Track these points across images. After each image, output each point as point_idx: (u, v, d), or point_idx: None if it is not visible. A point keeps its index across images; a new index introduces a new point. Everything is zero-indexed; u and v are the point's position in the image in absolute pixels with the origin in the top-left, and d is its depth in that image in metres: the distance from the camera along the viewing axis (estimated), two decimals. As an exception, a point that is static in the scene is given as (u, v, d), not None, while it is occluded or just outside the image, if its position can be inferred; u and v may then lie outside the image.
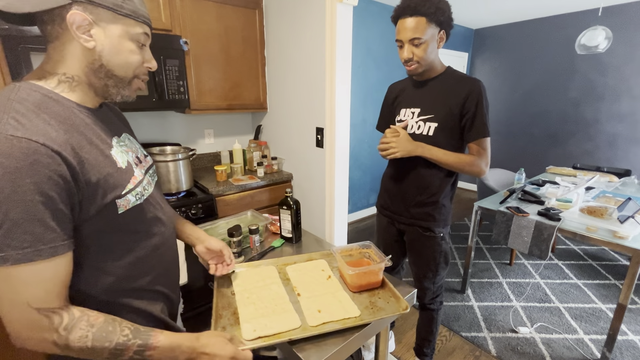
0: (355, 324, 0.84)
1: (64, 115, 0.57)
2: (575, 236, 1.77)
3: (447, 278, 2.53)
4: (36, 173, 0.50)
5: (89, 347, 0.55)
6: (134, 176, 0.66)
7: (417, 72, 1.22)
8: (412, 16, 1.11)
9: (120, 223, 0.63)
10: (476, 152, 1.22)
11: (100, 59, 0.60)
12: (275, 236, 1.40)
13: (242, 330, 0.81)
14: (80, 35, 0.57)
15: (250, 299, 0.93)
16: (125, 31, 0.61)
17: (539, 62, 4.00)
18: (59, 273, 0.55)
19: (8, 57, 1.34)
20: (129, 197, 0.64)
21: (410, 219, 1.37)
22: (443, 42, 1.19)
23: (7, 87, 0.57)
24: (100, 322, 0.57)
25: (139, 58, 0.65)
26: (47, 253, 0.52)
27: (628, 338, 1.93)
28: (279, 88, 2.21)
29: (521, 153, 4.37)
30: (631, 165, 3.51)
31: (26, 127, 0.51)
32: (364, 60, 3.42)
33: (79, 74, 0.61)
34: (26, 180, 0.49)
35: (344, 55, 1.75)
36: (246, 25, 2.10)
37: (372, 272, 0.97)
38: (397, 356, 1.81)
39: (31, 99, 0.55)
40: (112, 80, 0.63)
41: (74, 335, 0.54)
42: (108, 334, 0.56)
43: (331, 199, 1.96)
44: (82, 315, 0.56)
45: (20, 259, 0.50)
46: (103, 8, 0.57)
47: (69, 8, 0.55)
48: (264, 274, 1.05)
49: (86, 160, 0.57)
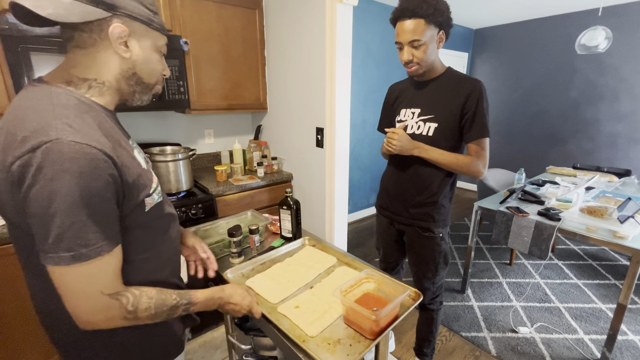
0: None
1: (98, 120, 0.60)
2: (575, 236, 1.77)
3: (447, 278, 2.53)
4: (98, 177, 0.54)
5: (152, 314, 0.66)
6: (153, 175, 0.72)
7: (417, 73, 1.22)
8: (410, 18, 1.10)
9: (145, 220, 0.69)
10: (475, 152, 1.22)
11: (133, 67, 0.66)
12: (275, 236, 1.40)
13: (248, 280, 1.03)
14: (118, 45, 0.62)
15: (283, 269, 1.10)
16: (154, 43, 0.67)
17: (539, 62, 4.00)
18: (118, 261, 0.62)
19: (8, 57, 1.34)
20: (154, 196, 0.70)
21: (409, 219, 1.37)
22: (443, 42, 1.19)
23: (39, 90, 0.59)
24: (155, 293, 0.67)
25: (162, 67, 0.72)
26: (109, 247, 0.59)
27: (628, 338, 1.94)
28: (279, 88, 2.21)
29: (521, 153, 4.37)
30: (631, 165, 3.51)
31: (81, 133, 0.54)
32: (364, 60, 3.42)
33: (110, 80, 0.64)
34: (91, 184, 0.54)
35: (344, 55, 1.75)
36: (246, 25, 2.10)
37: (394, 309, 0.82)
38: (397, 356, 1.81)
39: (71, 104, 0.58)
40: (140, 86, 0.69)
41: (140, 308, 0.63)
42: (163, 300, 0.67)
43: (331, 199, 1.96)
44: (141, 292, 0.65)
45: (91, 256, 0.56)
46: (139, 22, 0.63)
47: (109, 20, 0.60)
48: (320, 257, 1.18)
49: (123, 163, 0.61)
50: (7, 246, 1.31)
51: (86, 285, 0.57)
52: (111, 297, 0.60)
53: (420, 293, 0.93)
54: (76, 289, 0.57)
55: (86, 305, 0.58)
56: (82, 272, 0.56)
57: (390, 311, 0.80)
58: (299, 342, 0.78)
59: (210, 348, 1.84)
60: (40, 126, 0.53)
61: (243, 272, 1.11)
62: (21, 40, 1.34)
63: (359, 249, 3.11)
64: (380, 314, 0.75)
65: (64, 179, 0.51)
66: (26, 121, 0.54)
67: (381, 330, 0.79)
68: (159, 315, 0.67)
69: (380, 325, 0.79)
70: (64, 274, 0.56)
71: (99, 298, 0.58)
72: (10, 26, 1.31)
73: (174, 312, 0.70)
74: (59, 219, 0.52)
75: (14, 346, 1.41)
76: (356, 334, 0.82)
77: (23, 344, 1.43)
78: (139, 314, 0.63)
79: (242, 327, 1.19)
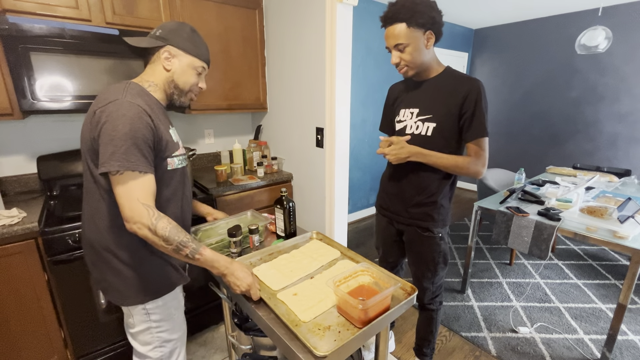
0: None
1: (150, 102, 0.94)
2: (575, 236, 1.77)
3: (447, 278, 2.53)
4: (141, 121, 0.87)
5: (166, 236, 0.85)
6: (179, 149, 1.03)
7: (408, 74, 1.25)
8: (392, 24, 1.16)
9: (167, 178, 0.98)
10: (474, 152, 1.22)
11: (172, 76, 1.01)
12: (275, 236, 1.40)
13: (254, 268, 1.10)
14: (165, 62, 0.99)
15: (289, 259, 1.15)
16: (191, 63, 1.02)
17: (539, 62, 4.00)
18: (151, 185, 0.88)
19: (8, 57, 1.35)
20: (175, 160, 1.00)
21: (409, 219, 1.37)
22: (432, 41, 1.20)
23: (122, 83, 0.95)
24: (174, 224, 0.89)
25: (195, 80, 1.05)
26: (145, 169, 0.86)
27: (628, 338, 1.94)
28: (279, 88, 2.21)
29: (521, 153, 4.37)
30: (631, 165, 3.51)
31: (135, 100, 0.89)
32: (364, 60, 3.42)
33: (160, 84, 1.01)
34: (137, 125, 0.85)
35: (344, 55, 1.75)
36: (246, 25, 2.10)
37: (384, 299, 0.85)
38: (397, 356, 1.81)
39: (136, 89, 0.94)
40: (177, 90, 1.03)
41: (159, 225, 0.85)
42: (178, 231, 0.88)
43: (331, 199, 1.96)
44: (164, 216, 0.87)
45: (131, 168, 0.83)
46: (180, 50, 1.00)
47: (162, 47, 0.98)
48: (325, 251, 1.20)
49: (158, 126, 0.93)
50: (7, 246, 1.31)
51: (128, 190, 0.83)
52: (144, 206, 0.84)
53: (415, 288, 0.95)
54: (122, 192, 0.84)
55: (128, 205, 0.83)
56: (125, 180, 0.83)
57: (379, 302, 0.83)
58: (291, 326, 0.81)
59: (210, 348, 1.84)
60: (114, 96, 0.88)
61: (251, 260, 1.16)
62: (21, 40, 1.34)
63: (358, 248, 3.11)
64: (368, 304, 0.79)
65: (122, 118, 0.84)
66: (107, 95, 0.89)
67: (369, 319, 0.83)
68: (171, 241, 0.86)
69: (369, 314, 0.82)
70: (114, 180, 0.84)
71: (136, 203, 0.83)
72: (10, 26, 1.31)
73: (182, 249, 0.88)
74: (116, 142, 0.82)
75: (14, 346, 1.41)
76: (347, 322, 0.85)
77: (23, 343, 1.43)
78: (158, 231, 0.84)
79: (242, 327, 1.19)
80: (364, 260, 1.13)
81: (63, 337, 1.52)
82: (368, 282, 0.95)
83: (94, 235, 0.96)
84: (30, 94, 1.41)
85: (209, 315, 1.96)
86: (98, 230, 0.95)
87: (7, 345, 1.40)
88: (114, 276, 0.97)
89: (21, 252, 1.35)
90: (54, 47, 1.41)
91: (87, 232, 0.98)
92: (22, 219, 1.39)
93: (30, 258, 1.37)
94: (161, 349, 1.07)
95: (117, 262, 0.96)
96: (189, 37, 1.01)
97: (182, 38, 0.99)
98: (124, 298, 0.99)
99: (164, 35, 0.98)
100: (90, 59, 1.51)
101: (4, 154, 1.70)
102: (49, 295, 1.44)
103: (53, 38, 1.40)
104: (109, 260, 0.96)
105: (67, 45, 1.44)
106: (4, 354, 1.39)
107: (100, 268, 0.99)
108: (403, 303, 0.90)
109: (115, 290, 0.99)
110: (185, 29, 1.01)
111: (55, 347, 1.51)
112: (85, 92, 1.53)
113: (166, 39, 0.98)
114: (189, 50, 1.00)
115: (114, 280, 0.98)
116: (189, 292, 1.72)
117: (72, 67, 1.47)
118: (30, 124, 1.73)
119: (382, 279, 0.93)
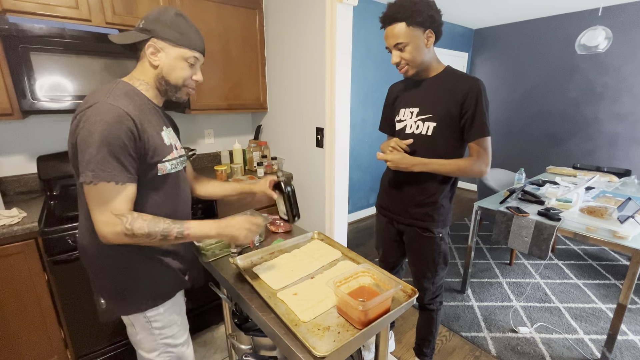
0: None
1: (139, 102, 0.88)
2: (575, 236, 1.77)
3: (447, 278, 2.53)
4: (120, 126, 0.79)
5: (146, 232, 0.82)
6: (172, 152, 0.94)
7: (409, 74, 1.25)
8: (391, 24, 1.17)
9: (158, 183, 0.92)
10: (476, 152, 1.22)
11: (161, 72, 0.91)
12: (275, 236, 1.40)
13: (255, 267, 1.09)
14: (150, 57, 0.89)
15: (290, 259, 1.15)
16: (180, 55, 0.90)
17: (539, 62, 4.00)
18: (128, 195, 0.82)
19: (8, 57, 1.35)
20: (167, 165, 0.92)
21: (409, 219, 1.37)
22: (432, 40, 1.20)
23: (111, 83, 0.88)
24: (150, 217, 0.84)
25: (188, 73, 0.94)
26: (122, 180, 0.80)
27: (628, 338, 1.94)
28: (279, 88, 2.21)
29: (521, 153, 4.37)
30: (631, 165, 3.51)
31: (116, 102, 0.81)
32: (364, 60, 3.42)
33: (151, 81, 0.93)
34: (115, 131, 0.78)
35: (344, 55, 1.75)
36: (246, 25, 2.10)
37: (384, 301, 0.84)
38: (397, 356, 1.81)
39: (124, 89, 0.87)
40: (169, 86, 0.94)
41: (136, 226, 0.81)
42: (156, 223, 0.84)
43: (331, 199, 1.96)
44: (138, 215, 0.83)
45: (106, 179, 0.77)
46: (167, 41, 0.88)
47: (147, 41, 0.87)
48: (326, 251, 1.20)
49: (146, 130, 0.86)
50: (7, 246, 1.31)
51: (100, 202, 0.79)
52: (116, 216, 0.79)
53: (416, 290, 0.95)
54: (95, 204, 0.79)
55: (100, 219, 0.79)
56: (98, 191, 0.78)
57: (380, 304, 0.82)
58: (291, 326, 0.81)
59: (210, 348, 1.84)
60: (95, 99, 0.81)
61: (252, 259, 1.16)
62: (21, 40, 1.34)
63: (358, 249, 3.11)
64: (367, 305, 0.78)
65: (98, 123, 0.77)
66: (90, 97, 0.82)
67: (369, 321, 0.82)
68: (153, 235, 0.83)
69: (369, 316, 0.81)
70: (88, 190, 0.79)
71: (108, 215, 0.79)
72: (10, 26, 1.31)
73: (168, 235, 0.85)
74: (91, 150, 0.76)
75: (14, 346, 1.41)
76: (347, 323, 0.84)
77: (23, 343, 1.43)
78: (136, 232, 0.81)
79: (242, 327, 1.19)
80: (365, 262, 1.13)
81: (63, 337, 1.52)
82: (369, 283, 0.94)
83: (87, 240, 0.92)
84: (30, 94, 1.41)
85: (209, 315, 1.96)
86: (91, 236, 0.90)
87: (7, 345, 1.40)
88: (110, 283, 0.94)
89: (21, 252, 1.35)
90: (54, 47, 1.41)
91: (80, 237, 0.95)
92: (22, 219, 1.39)
93: (30, 258, 1.37)
94: (168, 355, 1.05)
95: (112, 269, 0.93)
96: (174, 24, 0.87)
97: (165, 27, 0.86)
98: (123, 308, 0.96)
99: (147, 27, 0.86)
100: (91, 59, 1.52)
101: (4, 154, 1.70)
102: (49, 295, 1.44)
103: (53, 38, 1.40)
104: (103, 266, 0.93)
105: (67, 45, 1.44)
106: (4, 354, 1.39)
107: (96, 274, 0.95)
108: (403, 305, 0.90)
109: (113, 299, 0.96)
110: (169, 15, 0.87)
111: (55, 347, 1.51)
112: (86, 92, 1.53)
113: (149, 31, 0.86)
114: (176, 40, 0.87)
115: (109, 287, 0.95)
116: (189, 292, 1.72)
117: (72, 67, 1.47)
118: (30, 124, 1.73)
119: (383, 280, 0.93)
